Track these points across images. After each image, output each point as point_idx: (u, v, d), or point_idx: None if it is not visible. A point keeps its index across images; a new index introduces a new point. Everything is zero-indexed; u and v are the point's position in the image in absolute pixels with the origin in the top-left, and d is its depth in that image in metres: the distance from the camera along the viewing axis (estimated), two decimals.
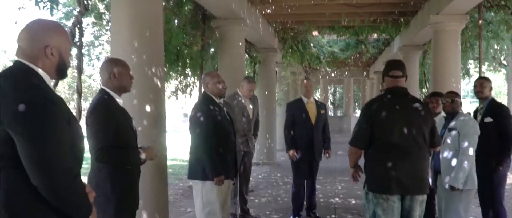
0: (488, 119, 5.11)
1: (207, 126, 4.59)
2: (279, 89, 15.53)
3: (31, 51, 2.17)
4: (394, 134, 3.72)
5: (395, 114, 3.76)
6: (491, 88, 5.37)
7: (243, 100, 6.56)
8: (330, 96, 44.11)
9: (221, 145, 4.67)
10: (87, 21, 9.88)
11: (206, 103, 4.74)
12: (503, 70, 27.11)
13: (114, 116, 3.33)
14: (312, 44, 15.81)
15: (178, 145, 15.58)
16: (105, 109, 3.33)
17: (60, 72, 2.30)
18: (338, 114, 42.84)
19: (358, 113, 39.74)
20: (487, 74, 29.30)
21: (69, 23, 6.18)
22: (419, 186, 3.79)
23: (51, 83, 2.30)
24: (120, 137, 3.31)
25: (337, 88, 46.39)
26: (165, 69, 7.80)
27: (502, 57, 21.15)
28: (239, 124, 6.29)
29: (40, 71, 2.17)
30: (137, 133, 3.57)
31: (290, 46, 14.36)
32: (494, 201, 5.17)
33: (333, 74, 27.31)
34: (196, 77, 10.25)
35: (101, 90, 3.46)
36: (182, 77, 10.68)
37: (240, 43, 9.44)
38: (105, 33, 10.27)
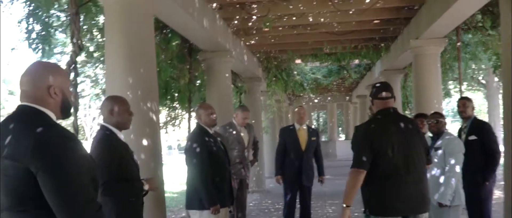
0: (472, 137, 5.33)
1: (202, 157, 4.76)
2: (265, 118, 15.69)
3: (35, 93, 2.23)
4: (393, 154, 3.72)
5: (391, 134, 3.77)
6: (473, 108, 5.61)
7: (238, 129, 6.72)
8: (314, 122, 44.43)
9: (217, 174, 4.83)
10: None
11: (200, 135, 4.91)
12: (482, 89, 27.83)
13: (116, 150, 3.47)
14: (295, 72, 16.06)
15: (165, 177, 15.59)
16: (108, 144, 3.46)
17: (65, 111, 2.36)
18: (323, 139, 43.08)
19: (342, 137, 40.09)
20: (467, 94, 29.93)
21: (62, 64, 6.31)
22: (422, 204, 3.81)
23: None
24: (124, 169, 3.45)
25: (321, 114, 46.75)
26: None
27: (481, 77, 21.71)
28: (234, 152, 6.46)
29: (47, 111, 2.24)
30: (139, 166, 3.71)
31: (274, 75, 14.56)
32: (482, 216, 5.35)
33: (316, 100, 27.64)
34: (184, 110, 10.37)
35: (103, 126, 3.59)
36: (170, 110, 10.83)
37: (227, 75, 9.62)
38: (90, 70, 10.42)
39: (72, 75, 5.04)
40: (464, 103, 5.59)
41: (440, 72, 9.63)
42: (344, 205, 3.77)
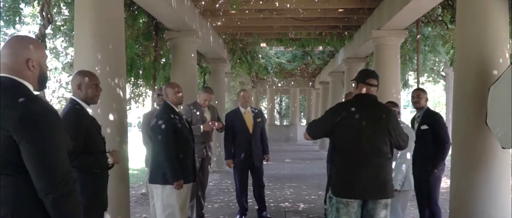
0: (424, 127, 5.68)
1: (168, 133, 4.95)
2: (229, 99, 15.89)
3: (14, 65, 2.40)
4: (359, 140, 3.87)
5: (362, 120, 3.90)
6: (427, 99, 5.95)
7: (201, 109, 6.89)
8: (277, 106, 44.78)
9: (181, 150, 5.02)
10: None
11: (166, 112, 5.10)
12: (442, 81, 28.62)
13: (83, 123, 3.61)
14: (260, 55, 16.28)
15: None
16: (75, 117, 3.59)
17: (42, 84, 2.54)
18: (285, 123, 43.47)
19: (304, 122, 40.63)
20: (427, 85, 30.76)
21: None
22: (381, 190, 3.91)
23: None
24: (90, 143, 3.59)
25: (284, 98, 47.13)
26: None
27: (441, 69, 22.35)
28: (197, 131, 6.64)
29: (26, 83, 2.41)
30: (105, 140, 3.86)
31: (239, 57, 14.75)
32: (430, 201, 5.73)
33: (280, 84, 27.96)
34: (148, 87, 10.47)
35: (71, 100, 3.72)
36: (134, 87, 10.91)
37: (192, 55, 9.75)
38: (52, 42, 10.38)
39: None
40: (419, 94, 5.92)
41: (400, 63, 10.01)
42: None
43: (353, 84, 4.23)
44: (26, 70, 2.42)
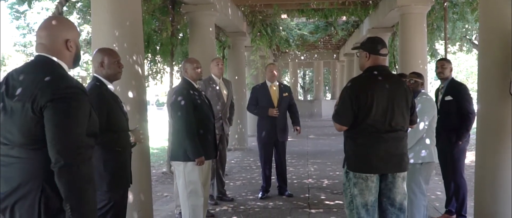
0: (448, 97, 5.80)
1: (188, 109, 5.17)
2: (249, 74, 16.06)
3: (53, 46, 2.66)
4: (378, 113, 3.93)
5: (382, 93, 3.95)
6: (451, 69, 6.05)
7: (217, 86, 7.09)
8: (300, 80, 44.80)
9: (202, 127, 5.25)
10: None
11: (186, 88, 5.32)
12: (475, 50, 28.25)
13: (105, 100, 3.85)
14: (281, 28, 16.38)
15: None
16: (97, 95, 3.83)
17: (76, 62, 2.83)
18: (309, 98, 43.51)
19: (328, 96, 40.65)
20: (458, 55, 30.47)
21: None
22: (399, 164, 4.04)
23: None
24: (112, 121, 3.81)
25: (307, 72, 47.12)
26: None
27: (473, 37, 22.12)
28: (215, 108, 6.86)
29: (62, 63, 2.69)
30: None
31: (259, 30, 14.91)
32: (455, 174, 5.89)
33: (302, 58, 28.00)
34: (166, 64, 10.70)
35: (94, 77, 3.97)
36: (152, 63, 11.17)
37: (210, 29, 9.93)
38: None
39: None
40: (443, 65, 6.03)
41: (426, 32, 10.07)
42: None
43: (358, 54, 4.27)
44: (64, 51, 2.70)
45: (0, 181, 2.56)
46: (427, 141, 5.05)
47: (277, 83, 7.50)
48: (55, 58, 2.66)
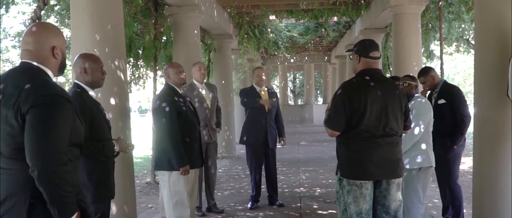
0: (442, 101, 5.89)
1: (172, 116, 5.21)
2: (236, 78, 16.08)
3: (39, 52, 2.70)
4: (371, 118, 4.00)
5: (375, 97, 4.02)
6: (433, 77, 6.04)
7: (201, 91, 7.05)
8: (290, 84, 44.91)
9: (187, 134, 5.29)
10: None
11: (169, 94, 5.36)
12: (472, 51, 28.39)
13: (88, 108, 3.87)
14: (269, 29, 16.44)
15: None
16: (79, 102, 3.83)
17: (62, 70, 2.86)
18: (299, 102, 43.56)
19: (320, 101, 40.74)
20: (456, 56, 30.73)
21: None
22: (394, 170, 4.11)
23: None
24: (95, 129, 3.82)
25: (297, 75, 47.23)
26: None
27: (470, 37, 22.31)
28: (200, 114, 6.87)
29: (47, 70, 2.72)
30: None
31: (246, 32, 14.95)
32: (449, 179, 5.97)
33: (292, 60, 28.11)
34: (149, 68, 10.71)
35: (74, 84, 3.98)
36: (134, 68, 11.18)
37: (195, 31, 9.93)
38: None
39: None
40: (422, 81, 6.11)
41: (421, 33, 10.17)
42: None
43: (351, 56, 4.34)
44: (50, 58, 2.74)
45: None
46: (423, 146, 5.10)
47: (266, 89, 7.55)
48: (40, 65, 2.69)
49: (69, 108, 2.64)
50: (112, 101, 5.28)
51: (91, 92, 3.98)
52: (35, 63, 2.69)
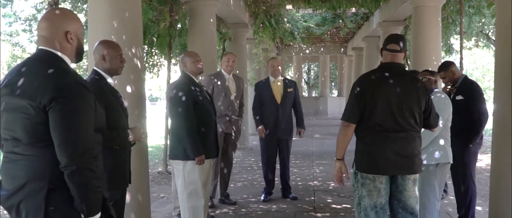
0: (459, 97, 5.88)
1: (188, 105, 5.26)
2: (251, 68, 16.12)
3: (53, 38, 2.74)
4: (383, 113, 4.07)
5: (390, 91, 4.09)
6: (453, 72, 6.07)
7: (226, 82, 7.15)
8: (304, 75, 44.84)
9: (203, 124, 5.34)
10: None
11: (186, 83, 5.41)
12: (492, 47, 28.22)
13: (105, 96, 3.93)
14: (285, 19, 16.46)
15: None
16: (96, 89, 3.90)
17: (79, 56, 2.90)
18: (313, 94, 43.51)
19: (335, 93, 40.70)
20: (474, 50, 30.52)
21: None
22: (409, 165, 4.15)
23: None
24: (111, 117, 3.90)
25: (312, 66, 47.15)
26: None
27: (490, 32, 22.16)
28: (224, 105, 6.96)
29: (64, 57, 2.77)
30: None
31: (262, 21, 14.98)
32: (465, 178, 5.98)
33: (307, 51, 28.07)
34: (164, 56, 10.79)
35: (93, 71, 4.06)
36: (148, 56, 11.26)
37: (211, 20, 9.99)
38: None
39: None
40: (442, 75, 6.13)
41: (441, 26, 10.15)
42: (336, 158, 4.33)
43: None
44: (64, 43, 2.77)
45: (4, 178, 2.67)
46: (441, 142, 5.12)
47: (281, 79, 7.60)
48: (56, 52, 2.74)
49: (90, 96, 2.70)
50: (129, 89, 5.36)
51: (109, 80, 4.04)
52: (51, 50, 2.73)
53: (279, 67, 7.63)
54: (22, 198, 2.61)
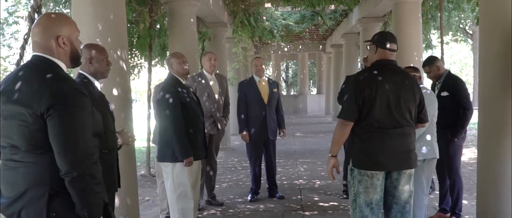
0: (445, 93, 6.06)
1: (176, 107, 5.31)
2: (231, 68, 16.16)
3: (45, 43, 2.76)
4: (383, 108, 4.17)
5: (388, 88, 4.19)
6: (438, 67, 6.23)
7: (210, 82, 7.22)
8: (283, 73, 44.99)
9: (191, 125, 5.41)
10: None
11: (173, 85, 5.46)
12: (470, 41, 28.72)
13: (94, 99, 3.96)
14: (264, 17, 16.51)
15: None
16: (87, 93, 3.95)
17: (74, 61, 2.92)
18: (292, 93, 43.68)
19: (314, 91, 40.91)
20: (451, 45, 31.01)
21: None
22: (407, 160, 4.29)
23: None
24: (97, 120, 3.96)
25: (290, 64, 47.31)
26: None
27: (467, 26, 22.57)
28: (207, 105, 7.00)
29: (58, 61, 2.78)
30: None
31: (241, 20, 15.01)
32: (451, 171, 6.16)
33: (286, 49, 28.19)
34: (144, 58, 10.78)
35: (79, 74, 4.06)
36: (128, 57, 11.23)
37: (192, 19, 9.98)
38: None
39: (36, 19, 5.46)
40: (427, 70, 6.30)
41: (421, 22, 10.32)
42: (330, 155, 4.39)
43: (368, 47, 4.52)
44: (57, 48, 2.79)
45: (3, 186, 2.70)
46: (428, 137, 5.26)
47: (266, 78, 7.68)
48: (50, 58, 2.76)
49: (87, 102, 2.73)
50: (115, 92, 5.38)
51: (96, 83, 4.07)
52: (45, 56, 2.76)
53: (263, 67, 7.69)
54: (23, 205, 2.64)
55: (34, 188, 2.63)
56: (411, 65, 6.00)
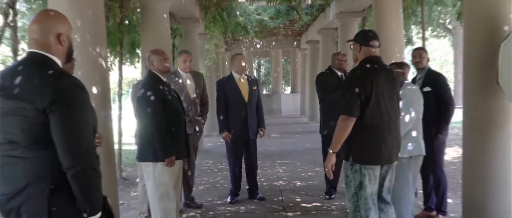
0: (427, 88, 6.35)
1: (157, 105, 5.44)
2: (203, 65, 16.28)
3: (45, 40, 2.93)
4: (381, 104, 4.56)
5: (380, 84, 4.57)
6: (428, 59, 6.62)
7: (186, 81, 7.41)
8: (255, 72, 45.06)
9: (173, 124, 5.55)
10: None
11: (154, 82, 5.59)
12: (449, 36, 29.34)
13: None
14: (238, 12, 16.65)
15: None
16: None
17: (69, 57, 3.12)
18: (265, 92, 43.78)
19: (288, 90, 41.05)
20: (431, 41, 31.56)
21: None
22: (396, 153, 4.81)
23: None
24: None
25: (262, 62, 47.39)
26: None
27: (447, 21, 23.02)
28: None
29: (54, 58, 2.96)
30: None
31: (213, 15, 15.14)
32: (435, 168, 6.48)
33: (258, 46, 28.28)
34: (115, 54, 10.88)
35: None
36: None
37: (165, 15, 10.10)
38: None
39: (10, 15, 5.62)
40: (420, 54, 6.59)
41: (402, 17, 10.62)
42: (331, 151, 4.63)
43: (352, 46, 4.88)
44: (57, 45, 2.98)
45: (2, 182, 2.85)
46: (414, 134, 5.53)
47: (245, 76, 7.86)
48: (48, 54, 2.94)
49: (87, 97, 2.93)
50: (94, 90, 5.53)
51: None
52: (43, 53, 2.93)
53: (245, 64, 7.86)
54: (23, 201, 2.80)
55: (35, 183, 2.80)
56: (393, 61, 6.27)
